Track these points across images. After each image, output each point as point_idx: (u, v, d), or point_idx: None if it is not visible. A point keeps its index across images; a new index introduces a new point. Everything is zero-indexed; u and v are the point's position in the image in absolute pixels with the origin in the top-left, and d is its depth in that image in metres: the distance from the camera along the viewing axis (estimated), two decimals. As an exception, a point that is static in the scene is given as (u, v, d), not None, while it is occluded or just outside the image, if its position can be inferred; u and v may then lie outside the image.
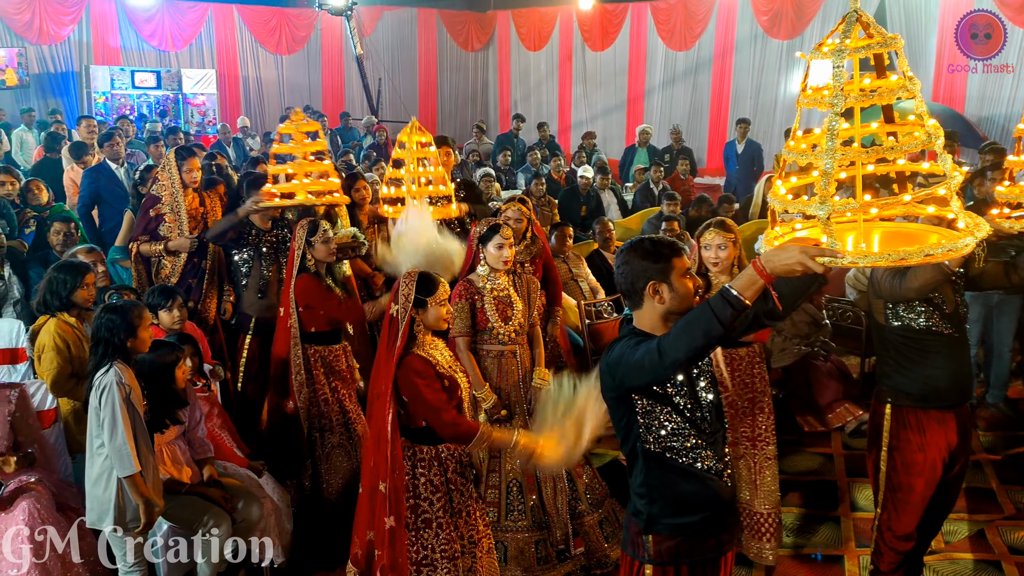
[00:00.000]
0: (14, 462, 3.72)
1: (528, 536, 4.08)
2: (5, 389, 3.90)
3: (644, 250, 2.53)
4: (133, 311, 3.54)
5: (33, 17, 14.74)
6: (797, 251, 2.13)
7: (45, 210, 6.57)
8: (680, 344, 2.28)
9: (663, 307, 2.50)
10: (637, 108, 15.98)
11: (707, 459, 2.55)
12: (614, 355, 2.51)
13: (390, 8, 18.02)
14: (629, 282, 2.56)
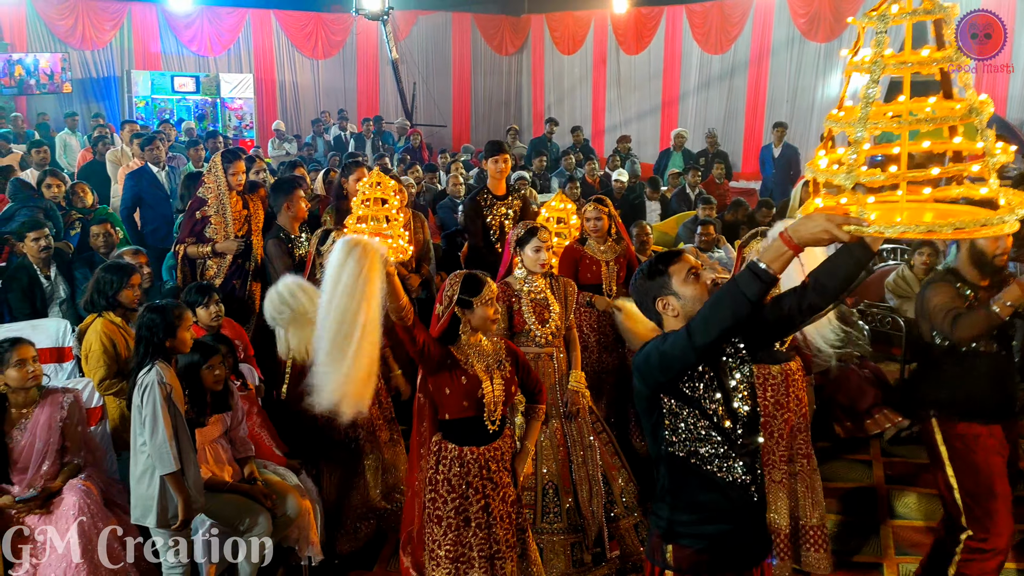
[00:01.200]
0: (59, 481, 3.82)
1: (564, 539, 4.09)
2: (59, 394, 3.96)
3: (644, 271, 2.59)
4: (173, 311, 3.60)
5: (76, 23, 15.05)
6: (823, 219, 2.10)
7: (90, 212, 6.71)
8: (709, 323, 2.28)
9: (679, 317, 2.51)
10: (671, 112, 15.91)
11: (734, 471, 2.49)
12: (644, 352, 2.52)
13: (425, 12, 18.14)
14: (641, 305, 2.63)
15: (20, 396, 3.83)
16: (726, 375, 2.52)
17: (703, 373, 2.48)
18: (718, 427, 2.47)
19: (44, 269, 5.64)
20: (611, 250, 5.15)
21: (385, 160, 10.69)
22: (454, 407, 3.32)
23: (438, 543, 3.34)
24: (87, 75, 15.28)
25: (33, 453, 3.82)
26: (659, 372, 2.45)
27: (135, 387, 3.52)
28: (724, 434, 2.48)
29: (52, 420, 3.87)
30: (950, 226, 2.01)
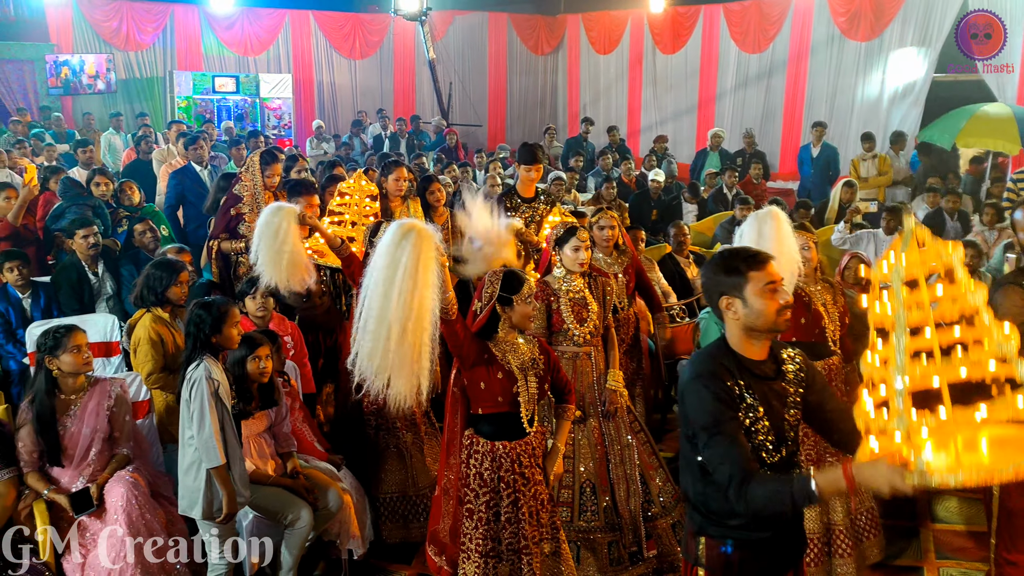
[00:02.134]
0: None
1: (601, 537, 4.11)
2: (107, 383, 4.07)
3: (719, 263, 2.49)
4: (220, 308, 3.67)
5: (120, 24, 15.31)
6: (887, 471, 2.03)
7: (136, 210, 6.85)
8: (756, 507, 2.28)
9: (739, 322, 2.45)
10: (708, 111, 15.81)
11: None
12: (686, 377, 2.49)
13: (461, 13, 18.21)
14: (707, 295, 2.55)
15: (71, 382, 3.92)
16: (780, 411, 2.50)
17: (754, 408, 2.44)
18: (759, 446, 2.44)
19: (92, 266, 5.79)
20: (618, 262, 5.08)
21: (422, 159, 10.77)
22: (488, 402, 3.36)
23: (469, 536, 3.39)
24: (131, 75, 15.55)
25: (80, 438, 3.91)
26: (695, 441, 2.43)
27: (184, 382, 3.59)
28: (764, 451, 2.45)
29: (100, 407, 3.96)
30: (1012, 466, 1.99)
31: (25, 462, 3.85)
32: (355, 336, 3.12)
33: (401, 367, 3.02)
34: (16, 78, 14.50)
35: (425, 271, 3.02)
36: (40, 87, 14.50)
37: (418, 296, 2.99)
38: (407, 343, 3.00)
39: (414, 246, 3.01)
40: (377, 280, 3.04)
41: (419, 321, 3.01)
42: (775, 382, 2.52)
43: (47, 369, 3.85)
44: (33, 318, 5.31)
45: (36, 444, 3.83)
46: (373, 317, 3.02)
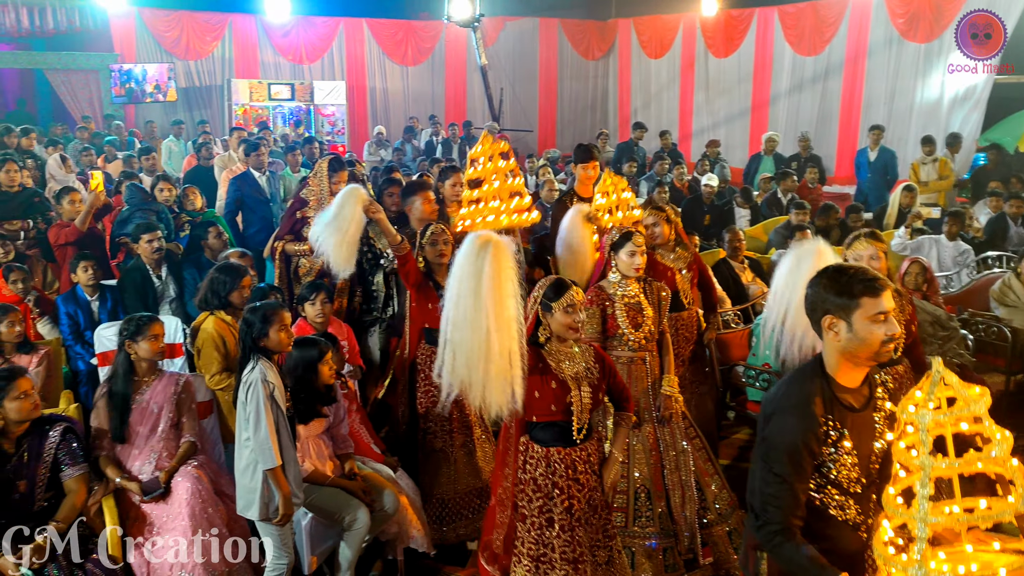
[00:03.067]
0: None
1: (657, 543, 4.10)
2: (175, 374, 4.30)
3: (830, 280, 2.38)
4: (270, 312, 3.69)
5: (181, 35, 15.73)
6: None
7: (198, 215, 7.02)
8: (778, 561, 2.33)
9: (839, 344, 2.36)
10: (762, 115, 15.64)
11: (848, 509, 2.43)
12: (777, 397, 2.45)
13: (512, 18, 18.30)
14: (809, 308, 2.43)
15: (145, 367, 4.17)
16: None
17: (842, 442, 2.39)
18: (843, 484, 2.40)
19: (156, 269, 5.95)
20: (681, 258, 5.05)
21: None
22: (542, 410, 3.36)
23: (522, 540, 3.40)
24: (191, 84, 15.95)
25: (148, 415, 4.12)
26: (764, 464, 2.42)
27: (240, 384, 3.66)
28: (844, 487, 2.41)
29: (168, 391, 4.17)
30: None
31: (98, 445, 4.05)
32: (441, 348, 3.16)
33: (496, 377, 3.05)
34: (82, 87, 14.99)
35: (506, 281, 3.06)
36: (104, 96, 14.96)
37: (504, 307, 3.04)
38: (500, 353, 3.03)
39: (493, 258, 3.05)
40: (461, 293, 3.09)
41: (507, 331, 3.05)
42: (866, 412, 2.45)
43: (127, 352, 4.13)
44: (100, 320, 5.48)
45: (108, 418, 4.07)
46: (464, 330, 3.06)
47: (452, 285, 3.15)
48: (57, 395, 4.72)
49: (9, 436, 3.66)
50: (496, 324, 3.03)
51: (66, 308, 5.52)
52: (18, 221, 6.93)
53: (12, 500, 3.64)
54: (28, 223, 6.98)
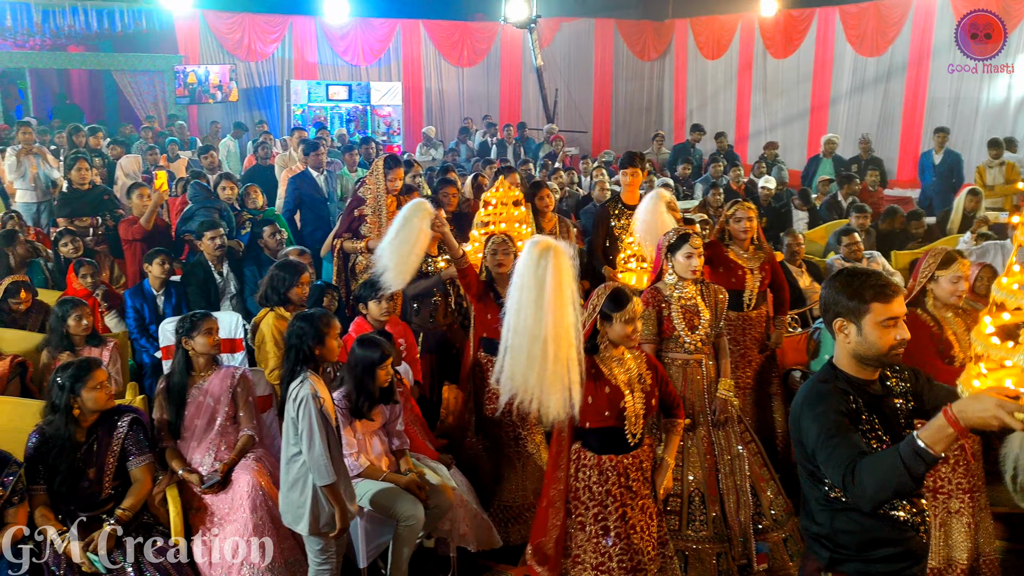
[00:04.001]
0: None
1: (709, 548, 4.06)
2: (231, 368, 4.41)
3: (841, 283, 2.42)
4: (322, 320, 3.64)
5: (243, 36, 16.05)
6: (994, 404, 1.93)
7: (259, 214, 7.17)
8: (871, 493, 2.15)
9: (849, 346, 2.40)
10: (821, 116, 15.37)
11: (904, 510, 2.40)
12: (798, 404, 2.43)
13: (568, 19, 18.29)
14: (823, 309, 2.49)
15: (201, 362, 4.30)
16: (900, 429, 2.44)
17: (872, 424, 2.38)
18: None
19: (218, 266, 6.09)
20: (755, 257, 4.99)
21: (529, 165, 10.86)
22: (595, 416, 3.36)
23: (583, 548, 3.41)
24: (251, 85, 16.27)
25: (204, 408, 4.22)
26: (814, 460, 2.37)
27: (288, 398, 3.58)
28: None
29: (224, 385, 4.27)
30: None
31: (163, 437, 4.19)
32: (501, 355, 3.20)
33: (554, 383, 3.08)
34: (147, 87, 15.40)
35: (566, 288, 3.09)
36: (168, 96, 15.34)
37: (563, 314, 3.06)
38: (559, 359, 3.06)
39: (553, 265, 3.07)
40: (523, 302, 3.12)
41: (566, 338, 3.07)
42: (888, 399, 2.47)
43: (184, 349, 4.26)
44: (165, 314, 5.63)
45: (166, 410, 4.21)
46: (524, 336, 3.10)
47: (513, 294, 3.19)
48: (124, 387, 4.86)
49: (81, 425, 3.78)
50: (555, 332, 3.06)
51: (133, 302, 5.68)
52: (88, 218, 7.17)
53: (82, 488, 3.76)
54: (97, 220, 7.22)
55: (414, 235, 4.25)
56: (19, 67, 15.95)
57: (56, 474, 3.71)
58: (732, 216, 4.94)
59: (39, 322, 5.38)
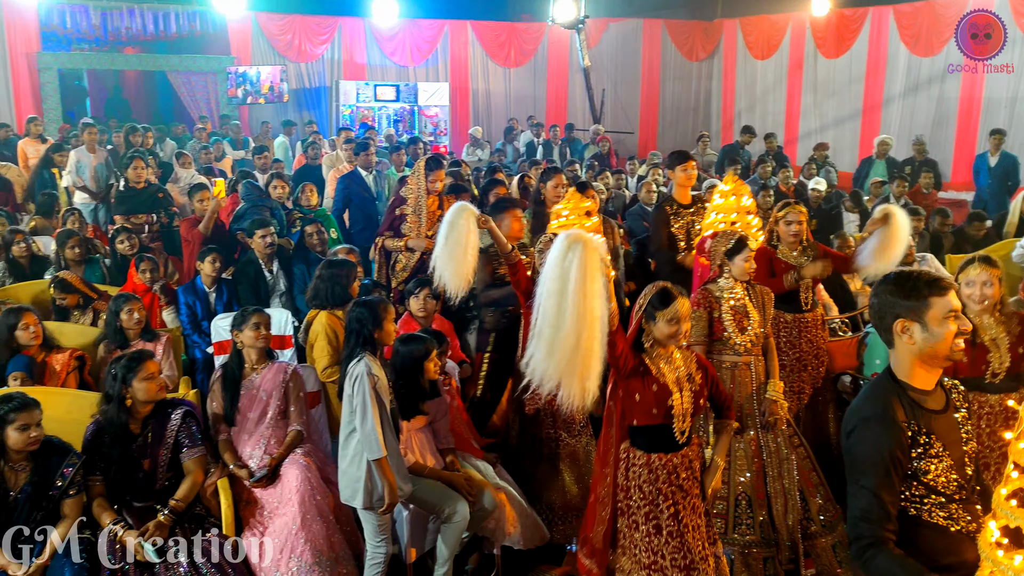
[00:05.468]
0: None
1: (756, 552, 4.03)
2: (284, 363, 4.52)
3: (896, 284, 2.39)
4: (380, 306, 3.86)
5: (293, 37, 16.29)
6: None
7: (310, 212, 7.27)
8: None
9: (914, 348, 2.36)
10: (873, 118, 15.09)
11: (959, 518, 2.36)
12: (853, 418, 2.40)
13: (616, 20, 18.22)
14: (878, 317, 2.44)
15: (253, 355, 4.41)
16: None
17: (931, 446, 2.34)
18: (941, 489, 2.35)
19: (268, 264, 6.19)
20: (805, 256, 4.91)
21: (575, 166, 10.84)
22: (643, 414, 3.36)
23: (637, 546, 3.40)
24: (301, 85, 16.50)
25: (257, 401, 4.33)
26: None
27: (346, 377, 3.78)
28: (946, 493, 2.35)
29: (276, 380, 4.38)
30: None
31: (217, 430, 4.31)
32: (530, 340, 3.22)
33: (573, 372, 3.10)
34: (200, 88, 15.71)
35: (593, 281, 3.09)
36: (220, 96, 15.63)
37: (588, 305, 3.07)
38: (580, 350, 3.07)
39: (581, 257, 3.08)
40: (549, 290, 3.14)
41: (591, 329, 3.08)
42: (948, 415, 2.42)
43: (235, 342, 4.41)
44: (217, 311, 5.74)
45: (220, 402, 4.33)
46: (548, 325, 3.12)
47: (542, 281, 3.21)
48: (177, 381, 4.97)
49: (136, 417, 3.89)
50: (577, 324, 3.06)
51: (186, 299, 5.80)
52: (143, 215, 7.35)
53: (136, 478, 3.86)
54: (152, 217, 7.40)
55: (463, 237, 4.28)
56: (77, 68, 16.40)
57: (112, 463, 3.82)
58: (783, 218, 4.89)
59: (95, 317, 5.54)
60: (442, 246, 4.30)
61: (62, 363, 4.74)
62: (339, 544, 4.05)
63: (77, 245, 6.23)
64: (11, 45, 14.03)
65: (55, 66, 14.58)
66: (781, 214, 4.90)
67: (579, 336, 3.06)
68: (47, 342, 4.78)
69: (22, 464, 3.60)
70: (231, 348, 4.47)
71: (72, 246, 6.21)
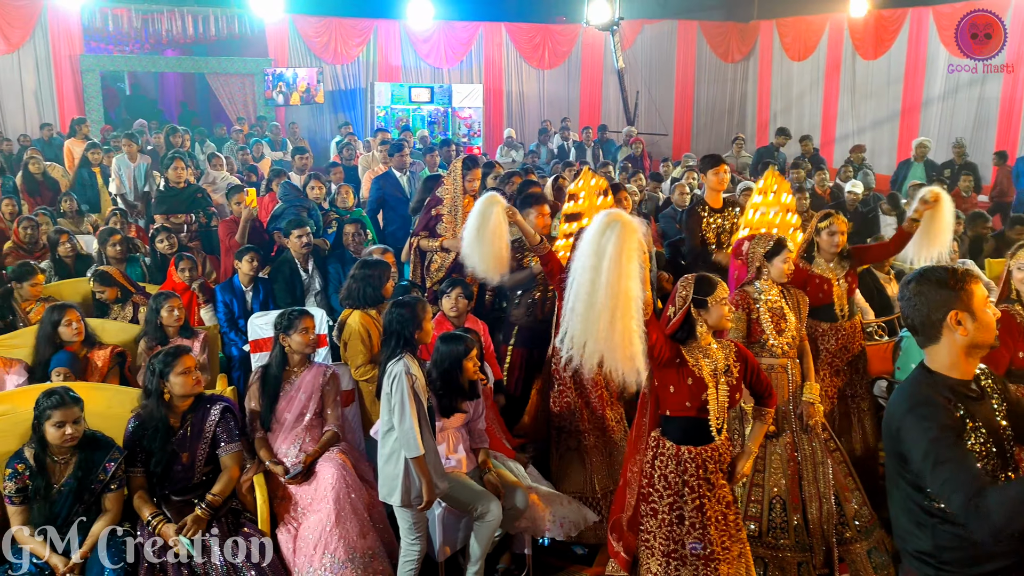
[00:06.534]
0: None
1: (791, 556, 4.01)
2: (323, 366, 4.55)
3: (939, 279, 2.39)
4: (419, 306, 3.89)
5: (330, 40, 16.45)
6: None
7: (347, 213, 7.34)
8: (1000, 524, 2.07)
9: (966, 339, 2.34)
10: (912, 120, 14.88)
11: None
12: (898, 413, 2.37)
13: (651, 21, 18.16)
14: (924, 314, 2.40)
15: (296, 358, 4.46)
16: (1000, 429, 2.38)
17: (978, 430, 2.32)
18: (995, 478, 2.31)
19: (304, 263, 6.27)
20: (840, 266, 4.86)
21: (608, 168, 10.82)
22: (676, 405, 3.37)
23: (653, 535, 3.42)
24: (336, 87, 16.66)
25: (296, 403, 4.37)
26: (920, 478, 2.29)
27: (385, 376, 3.81)
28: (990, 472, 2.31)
29: (315, 382, 4.43)
30: None
31: (254, 427, 4.36)
32: (564, 315, 3.22)
33: (613, 351, 3.09)
34: (238, 90, 15.93)
35: (628, 261, 3.08)
36: (258, 98, 15.83)
37: (622, 285, 3.06)
38: (616, 330, 3.07)
39: (618, 235, 3.07)
40: (583, 266, 3.14)
41: (625, 309, 3.07)
42: (985, 402, 2.42)
43: (281, 345, 4.43)
44: (253, 309, 5.82)
45: (260, 402, 4.37)
46: (581, 301, 3.12)
47: (576, 257, 3.21)
48: (214, 378, 5.05)
49: (175, 411, 3.96)
50: (613, 303, 3.05)
51: (223, 297, 5.89)
52: (182, 215, 7.47)
53: (175, 472, 3.94)
54: (191, 217, 7.51)
55: (494, 225, 4.30)
56: (119, 70, 16.71)
57: (151, 457, 3.89)
58: (825, 228, 4.77)
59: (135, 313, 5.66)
60: (472, 234, 4.33)
61: (103, 359, 4.85)
62: (372, 541, 4.08)
63: (119, 243, 6.36)
64: (55, 48, 14.36)
65: (97, 68, 14.89)
66: (823, 224, 4.79)
67: (612, 313, 3.04)
68: (89, 338, 4.89)
69: (66, 458, 3.69)
70: (272, 348, 4.52)
71: (114, 243, 6.34)
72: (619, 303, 3.05)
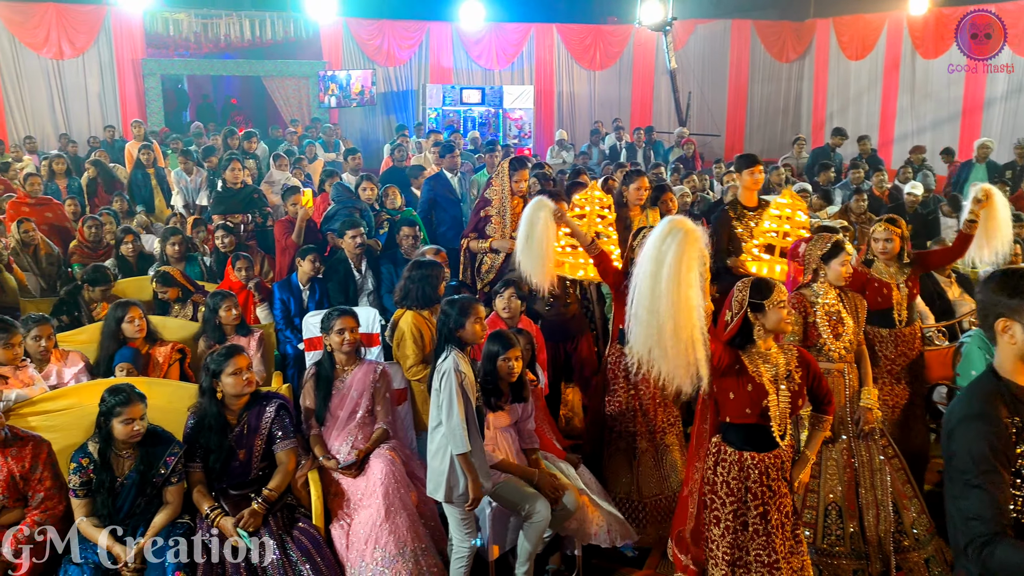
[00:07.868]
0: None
1: (846, 564, 3.94)
2: (373, 363, 4.60)
3: (1000, 281, 2.35)
4: (464, 304, 3.89)
5: (382, 42, 16.63)
6: None
7: (396, 214, 7.41)
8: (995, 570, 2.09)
9: (1016, 348, 2.30)
10: (973, 120, 14.50)
11: None
12: (955, 417, 2.33)
13: (704, 21, 17.99)
14: (982, 314, 2.41)
15: (341, 357, 4.52)
16: None
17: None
18: None
19: (357, 263, 6.34)
20: (900, 272, 4.78)
21: (659, 169, 10.76)
22: (736, 412, 3.33)
23: (716, 544, 3.38)
24: (389, 89, 16.83)
25: (347, 400, 4.44)
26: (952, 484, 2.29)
27: (434, 372, 3.86)
28: None
29: (366, 380, 4.48)
30: None
31: (310, 424, 4.44)
32: (627, 320, 3.22)
33: (677, 359, 3.08)
34: (293, 92, 16.20)
35: (688, 270, 3.06)
36: (312, 100, 16.06)
37: (682, 293, 3.04)
38: (679, 339, 3.05)
39: (679, 243, 3.06)
40: (644, 272, 3.14)
41: (688, 317, 3.05)
42: None
43: (325, 344, 4.52)
44: (309, 308, 5.91)
45: (313, 399, 4.45)
46: (644, 308, 3.12)
47: (639, 263, 3.20)
48: (270, 375, 5.14)
49: (232, 409, 4.04)
50: (673, 310, 3.03)
51: (281, 295, 5.99)
52: (239, 215, 7.61)
53: (233, 467, 4.02)
54: (247, 217, 7.65)
55: (544, 231, 4.32)
56: (179, 74, 17.11)
57: (210, 452, 3.98)
58: (872, 235, 4.77)
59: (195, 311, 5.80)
60: (524, 243, 4.35)
61: (164, 355, 4.97)
62: (422, 537, 4.11)
63: (179, 243, 6.51)
64: (118, 52, 14.78)
65: (158, 72, 15.27)
66: (872, 230, 4.80)
67: (675, 321, 3.03)
68: (151, 335, 5.02)
69: (128, 452, 3.79)
70: (323, 347, 4.59)
71: (174, 243, 6.50)
72: (680, 311, 3.04)
